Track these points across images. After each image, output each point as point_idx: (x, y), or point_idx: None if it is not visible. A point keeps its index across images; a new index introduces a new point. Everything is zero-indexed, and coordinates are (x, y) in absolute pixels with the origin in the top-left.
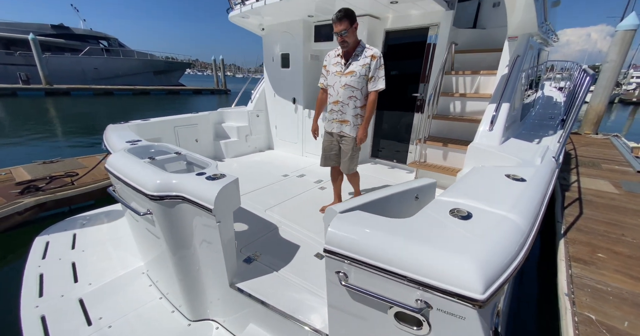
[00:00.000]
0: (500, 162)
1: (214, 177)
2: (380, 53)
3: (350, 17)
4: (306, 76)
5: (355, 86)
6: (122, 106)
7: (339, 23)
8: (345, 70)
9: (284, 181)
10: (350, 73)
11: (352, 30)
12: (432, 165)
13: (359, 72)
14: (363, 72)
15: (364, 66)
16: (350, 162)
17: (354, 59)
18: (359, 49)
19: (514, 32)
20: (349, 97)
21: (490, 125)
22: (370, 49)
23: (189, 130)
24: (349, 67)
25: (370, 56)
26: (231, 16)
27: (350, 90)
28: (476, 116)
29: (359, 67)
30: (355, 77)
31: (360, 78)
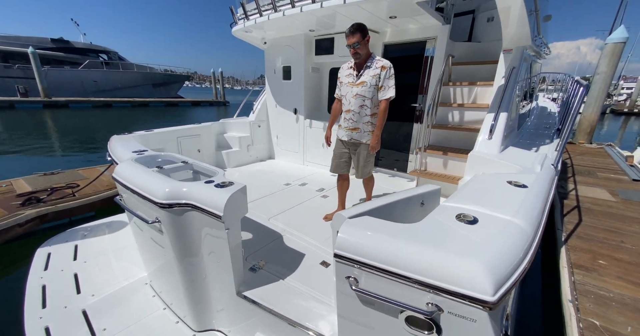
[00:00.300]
0: (501, 169)
1: (222, 184)
2: (391, 64)
3: (362, 31)
4: (307, 88)
5: (366, 95)
6: (121, 118)
7: (351, 36)
8: (357, 81)
9: (286, 190)
10: (362, 83)
11: (363, 43)
12: (433, 173)
13: (369, 82)
14: (373, 83)
15: (374, 77)
16: (364, 167)
17: (365, 70)
18: (370, 61)
19: (509, 45)
20: (360, 106)
21: (490, 134)
22: (381, 60)
23: (191, 140)
24: (360, 77)
25: (380, 67)
26: (235, 30)
27: (361, 99)
28: (474, 125)
29: (370, 78)
30: (366, 87)
31: (371, 88)
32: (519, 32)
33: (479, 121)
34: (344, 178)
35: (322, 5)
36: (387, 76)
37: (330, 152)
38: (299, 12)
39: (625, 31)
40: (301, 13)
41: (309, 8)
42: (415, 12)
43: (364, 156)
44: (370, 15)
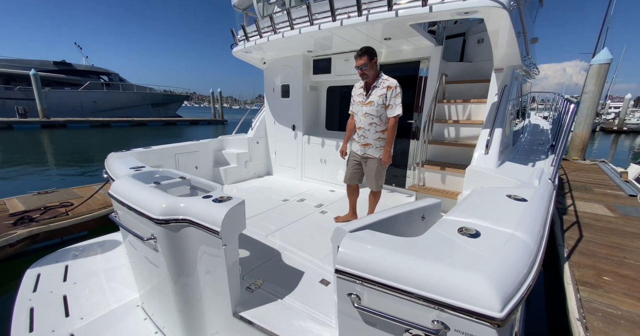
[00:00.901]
0: (499, 184)
1: (220, 199)
2: (397, 83)
3: (369, 54)
4: (305, 105)
5: (374, 114)
6: (119, 138)
7: (359, 58)
8: (366, 100)
9: (284, 206)
10: (370, 103)
11: (370, 65)
12: (431, 188)
13: (376, 102)
14: (380, 102)
15: (381, 96)
16: (376, 179)
17: (373, 90)
18: (378, 81)
19: (500, 65)
20: (369, 123)
21: (486, 149)
22: (387, 80)
23: (189, 157)
24: (369, 97)
25: (386, 87)
26: (235, 51)
27: (370, 118)
28: (470, 141)
29: (377, 98)
30: (374, 107)
31: (378, 107)
32: (509, 52)
33: (475, 137)
34: (354, 188)
35: (320, 28)
36: (394, 95)
37: (328, 168)
38: (298, 34)
39: (608, 53)
40: (300, 35)
41: (308, 30)
42: (409, 33)
43: (376, 169)
44: (366, 37)
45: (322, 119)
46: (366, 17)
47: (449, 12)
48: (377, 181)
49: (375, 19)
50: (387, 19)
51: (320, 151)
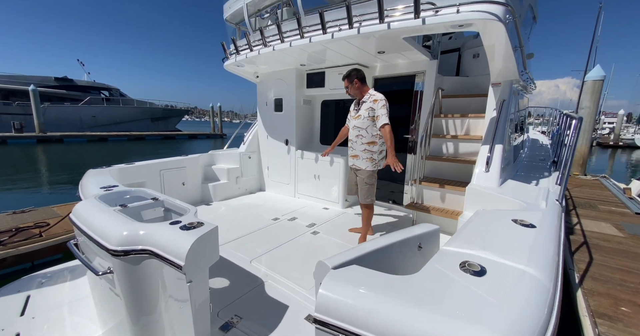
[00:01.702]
0: (502, 205)
1: (189, 226)
2: (383, 97)
3: (349, 77)
4: (299, 119)
5: (361, 126)
6: (115, 152)
7: (343, 81)
8: (355, 114)
9: (274, 226)
10: (358, 117)
11: (352, 87)
12: (430, 207)
13: (363, 115)
14: (366, 115)
15: (368, 110)
16: (363, 191)
17: (362, 105)
18: (366, 97)
19: (497, 79)
20: (356, 135)
21: (486, 166)
22: (374, 95)
23: (175, 173)
24: (358, 112)
25: (373, 101)
26: (226, 65)
27: (357, 130)
28: (469, 157)
29: (364, 111)
30: (360, 120)
31: (364, 119)
32: (506, 66)
33: (474, 153)
34: None
35: (311, 40)
36: (379, 107)
37: (322, 184)
38: (289, 47)
39: (601, 70)
40: (291, 48)
41: (298, 43)
42: (403, 47)
43: (362, 181)
44: (359, 51)
45: (316, 134)
46: (357, 29)
47: (442, 25)
48: (365, 193)
49: (367, 32)
50: (379, 31)
51: (314, 166)
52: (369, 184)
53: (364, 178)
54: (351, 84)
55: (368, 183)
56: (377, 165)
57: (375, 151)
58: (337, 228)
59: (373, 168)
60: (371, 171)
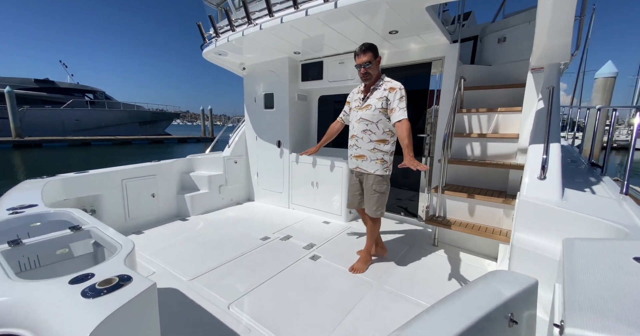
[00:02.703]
0: (579, 227)
1: (101, 289)
2: (402, 86)
3: (373, 50)
4: (293, 117)
5: (370, 119)
6: (97, 157)
7: (362, 54)
8: (362, 104)
9: (263, 249)
10: (367, 107)
11: (375, 63)
12: (457, 223)
13: (374, 105)
14: (379, 105)
15: (381, 99)
16: (372, 202)
17: (373, 92)
18: (378, 83)
19: (539, 63)
20: (362, 130)
21: (542, 172)
22: (390, 82)
23: (142, 183)
24: (367, 101)
25: (389, 89)
26: (206, 53)
27: (365, 123)
28: (501, 160)
29: (375, 101)
30: (370, 111)
31: (376, 111)
32: (557, 44)
33: (506, 155)
34: (364, 213)
35: (308, 13)
36: (398, 97)
37: (321, 193)
38: (279, 24)
39: (613, 66)
40: (282, 25)
41: (292, 18)
42: (422, 25)
43: (370, 188)
44: (367, 30)
45: (312, 134)
46: None
47: None
48: (374, 205)
49: None
50: None
51: (312, 172)
52: (379, 192)
53: (372, 185)
54: (375, 61)
55: (378, 191)
56: (389, 168)
57: (387, 151)
58: (342, 249)
59: (384, 172)
60: (382, 176)
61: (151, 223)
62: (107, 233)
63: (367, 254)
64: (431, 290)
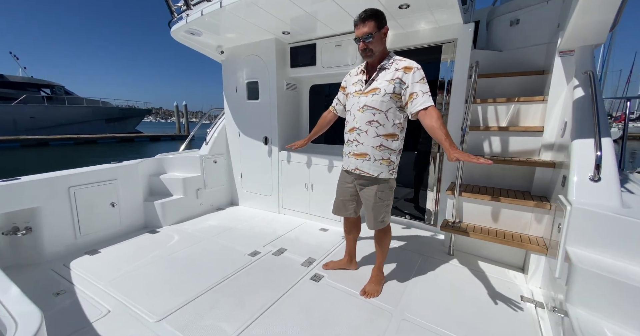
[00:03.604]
0: None
1: None
2: (419, 65)
3: (377, 18)
4: (281, 110)
5: (378, 108)
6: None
7: (362, 25)
8: (366, 88)
9: (253, 268)
10: (373, 91)
11: (379, 36)
12: (477, 229)
13: (384, 89)
14: (391, 90)
15: (392, 81)
16: (374, 212)
17: (380, 73)
18: (386, 62)
19: (568, 45)
20: (368, 121)
21: (596, 172)
22: (403, 60)
23: (98, 190)
24: (372, 83)
25: (403, 68)
26: (174, 30)
27: (371, 112)
28: (522, 156)
29: (385, 83)
30: (379, 96)
31: (386, 97)
32: (597, 21)
33: (529, 151)
34: (351, 222)
35: None
36: (418, 79)
37: (316, 197)
38: None
39: None
40: None
41: None
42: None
43: (373, 195)
44: (372, 2)
45: (304, 129)
46: None
47: None
48: (377, 215)
49: None
50: None
51: (305, 172)
52: (384, 200)
53: (377, 192)
54: (378, 32)
55: (383, 199)
56: (395, 171)
57: (395, 150)
58: None
59: (390, 175)
60: (387, 181)
61: (111, 239)
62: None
63: (379, 273)
64: (462, 316)
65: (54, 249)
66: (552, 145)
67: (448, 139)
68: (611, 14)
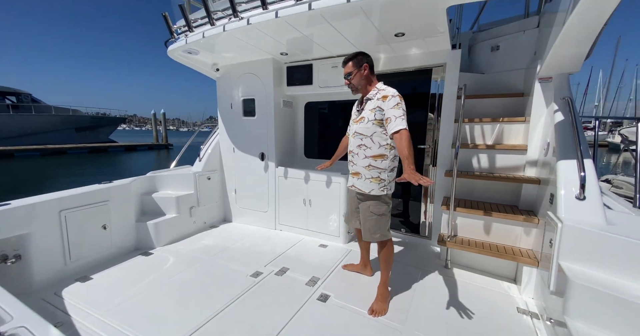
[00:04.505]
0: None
1: None
2: (396, 92)
3: (355, 60)
4: (278, 126)
5: (364, 133)
6: (22, 171)
7: (344, 66)
8: (357, 117)
9: (257, 290)
10: (361, 119)
11: (358, 74)
12: (472, 243)
13: (367, 117)
14: (372, 117)
15: (373, 110)
16: (368, 225)
17: (366, 103)
18: (372, 93)
19: (547, 72)
20: (357, 145)
21: (581, 191)
22: (384, 90)
23: (90, 212)
24: (361, 113)
25: (382, 97)
26: (172, 50)
27: (359, 138)
28: (508, 172)
29: (369, 112)
30: (364, 123)
31: (369, 123)
32: (574, 53)
33: (514, 167)
34: (359, 231)
35: (312, 7)
36: (392, 105)
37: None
38: (273, 19)
39: None
40: (277, 20)
41: (288, 12)
42: (431, 28)
43: (366, 209)
44: (367, 30)
45: (299, 145)
46: None
47: None
48: (370, 228)
49: None
50: None
51: (303, 188)
52: (377, 214)
53: (369, 206)
54: (358, 70)
55: (375, 213)
56: (388, 187)
57: (385, 168)
58: (350, 280)
59: (381, 192)
60: (378, 197)
61: (102, 263)
62: None
63: (385, 291)
64: (466, 331)
65: (43, 277)
66: (535, 162)
67: (407, 160)
68: (586, 48)
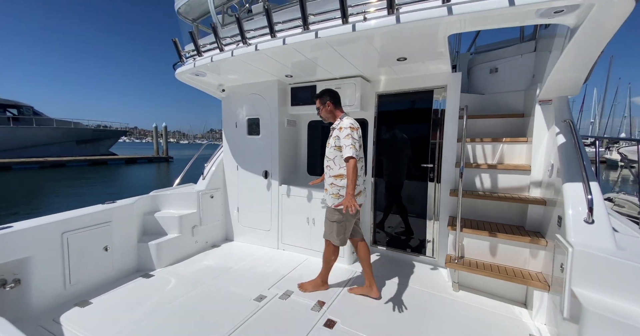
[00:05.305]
0: None
1: None
2: (347, 124)
3: (320, 98)
4: (282, 144)
5: (329, 156)
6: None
7: (314, 102)
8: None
9: (261, 315)
10: (327, 145)
11: (324, 109)
12: (480, 265)
13: (330, 143)
14: (332, 143)
15: (334, 138)
16: (325, 227)
17: (332, 132)
18: (336, 123)
19: (547, 95)
20: (325, 166)
21: (589, 214)
22: (340, 121)
23: (92, 234)
24: (328, 139)
25: (338, 128)
26: (180, 73)
27: (326, 160)
28: (512, 192)
29: (331, 139)
30: (328, 148)
31: (331, 148)
32: (573, 77)
33: (518, 188)
34: (354, 241)
35: (318, 35)
36: (344, 136)
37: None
38: (281, 46)
39: None
40: (284, 47)
41: (296, 40)
42: (434, 53)
43: (325, 215)
44: (369, 54)
45: (302, 163)
46: (396, 17)
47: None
48: (326, 230)
49: (410, 21)
50: (434, 19)
51: (307, 206)
52: (330, 220)
53: (327, 213)
54: (323, 106)
55: (329, 219)
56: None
57: (343, 186)
58: (357, 304)
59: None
60: (332, 208)
61: (102, 287)
62: None
63: (318, 280)
64: None
65: (40, 301)
66: (540, 183)
67: (348, 187)
68: (585, 73)
